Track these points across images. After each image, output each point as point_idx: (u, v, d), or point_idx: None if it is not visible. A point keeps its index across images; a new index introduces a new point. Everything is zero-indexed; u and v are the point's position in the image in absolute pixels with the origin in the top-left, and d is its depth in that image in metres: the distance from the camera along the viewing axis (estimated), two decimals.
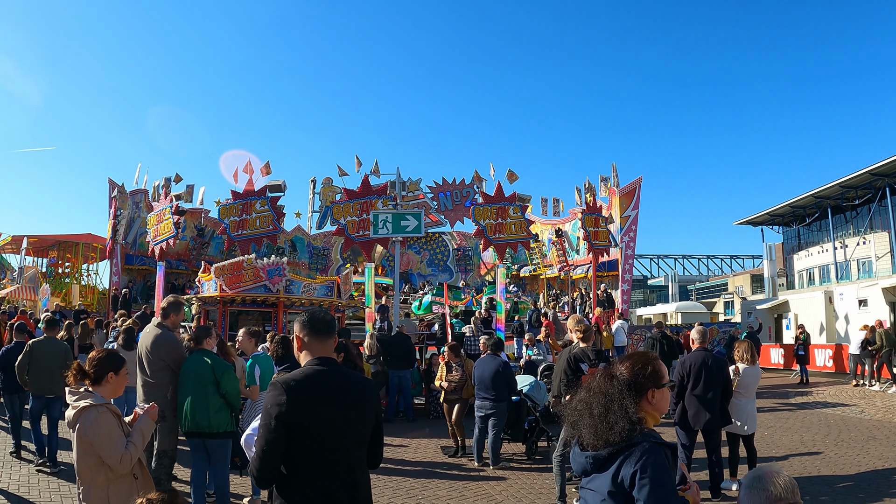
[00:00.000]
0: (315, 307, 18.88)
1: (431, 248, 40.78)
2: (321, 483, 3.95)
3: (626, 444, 3.37)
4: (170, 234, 25.45)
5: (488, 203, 24.30)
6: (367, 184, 24.04)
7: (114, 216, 31.13)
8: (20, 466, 11.48)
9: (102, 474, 4.81)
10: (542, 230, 36.27)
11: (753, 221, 58.55)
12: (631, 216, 30.15)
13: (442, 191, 27.41)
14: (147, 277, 34.75)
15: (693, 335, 10.83)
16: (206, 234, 36.64)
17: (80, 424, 4.79)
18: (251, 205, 24.17)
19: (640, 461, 3.26)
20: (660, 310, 54.82)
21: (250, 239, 24.04)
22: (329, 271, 37.54)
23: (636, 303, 73.36)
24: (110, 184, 32.03)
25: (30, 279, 40.84)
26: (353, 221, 22.84)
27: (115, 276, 32.33)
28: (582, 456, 3.57)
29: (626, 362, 3.73)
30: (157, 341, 8.87)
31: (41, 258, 47.15)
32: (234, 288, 17.61)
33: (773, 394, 21.53)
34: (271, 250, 29.87)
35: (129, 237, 33.58)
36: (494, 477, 11.37)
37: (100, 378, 5.04)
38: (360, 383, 4.34)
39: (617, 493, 3.33)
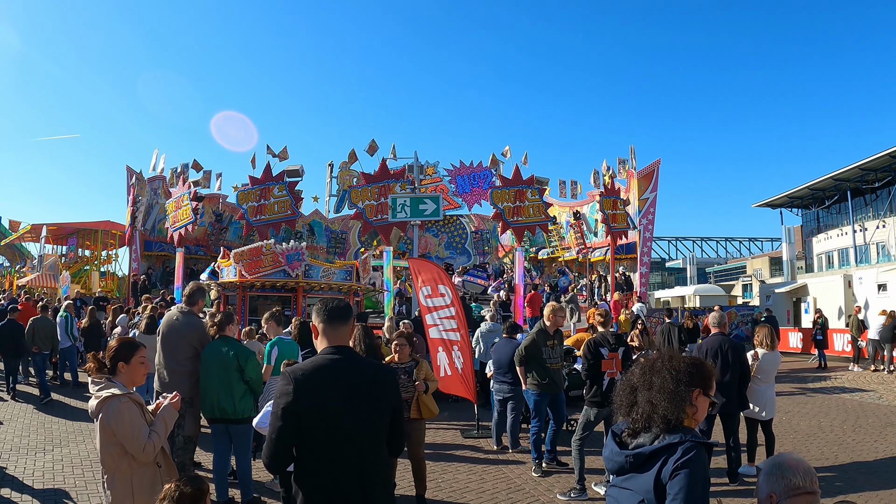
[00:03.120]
0: (332, 295, 18.95)
1: (449, 230, 40.60)
2: (332, 471, 3.96)
3: (668, 442, 3.35)
4: (189, 220, 25.49)
5: (506, 186, 24.20)
6: (384, 167, 24.02)
7: (132, 203, 31.22)
8: (44, 454, 11.55)
9: (126, 463, 4.81)
10: (559, 213, 36.11)
11: (772, 204, 58.34)
12: (649, 198, 30.02)
13: (459, 174, 27.35)
14: (166, 263, 34.98)
15: (710, 320, 10.82)
16: (224, 220, 36.79)
17: (102, 414, 4.79)
18: (269, 190, 24.18)
19: (682, 458, 3.23)
20: (678, 293, 54.68)
21: (269, 224, 24.07)
22: (347, 255, 37.51)
23: (654, 285, 73.13)
24: (128, 171, 32.14)
25: (50, 267, 41.08)
26: (372, 205, 22.84)
27: (134, 263, 32.53)
28: (621, 454, 3.51)
29: (688, 357, 3.74)
30: (188, 327, 8.96)
31: (61, 246, 47.39)
32: (253, 273, 17.65)
33: (791, 378, 21.44)
34: (289, 235, 29.91)
35: (148, 223, 33.76)
36: (514, 461, 11.38)
37: (113, 368, 5.05)
38: (373, 371, 4.31)
39: (659, 493, 3.29)
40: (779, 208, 59.20)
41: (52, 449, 11.73)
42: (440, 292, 13.15)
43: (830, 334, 26.95)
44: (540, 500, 9.36)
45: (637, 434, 3.55)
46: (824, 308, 28.87)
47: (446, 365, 13.07)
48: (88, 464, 10.81)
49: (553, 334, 11.02)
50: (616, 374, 9.64)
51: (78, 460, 11.06)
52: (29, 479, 9.97)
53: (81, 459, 11.08)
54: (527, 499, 9.39)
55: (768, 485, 3.31)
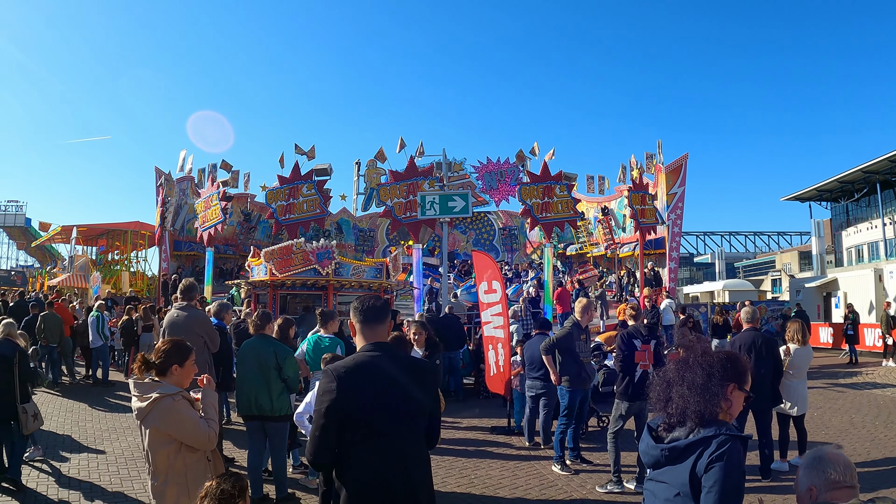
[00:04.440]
0: (364, 293, 19.00)
1: (477, 227, 40.70)
2: (374, 466, 3.99)
3: (704, 436, 3.37)
4: (218, 219, 25.66)
5: (534, 182, 24.16)
6: (412, 165, 24.04)
7: (162, 203, 31.47)
8: (79, 451, 11.67)
9: (180, 460, 4.81)
10: (587, 208, 35.86)
11: (801, 197, 57.93)
12: (677, 193, 29.85)
13: (486, 170, 27.33)
14: (195, 263, 35.19)
15: (742, 315, 10.78)
16: (253, 219, 36.98)
17: (153, 415, 4.76)
18: (298, 189, 24.25)
19: (717, 451, 3.26)
20: (707, 288, 54.33)
21: (298, 223, 24.13)
22: (375, 253, 37.69)
23: (682, 280, 72.77)
24: (157, 172, 32.39)
25: (80, 268, 41.41)
26: (400, 203, 22.86)
27: (164, 263, 32.76)
28: (657, 448, 3.55)
29: (723, 351, 3.75)
30: (191, 320, 9.19)
31: (91, 247, 47.74)
32: (283, 272, 17.73)
33: (822, 374, 21.30)
34: (318, 233, 30.01)
35: (177, 224, 34.01)
36: (546, 456, 11.36)
37: (164, 369, 5.01)
38: (413, 366, 4.38)
39: (695, 485, 3.32)
40: (808, 202, 58.78)
41: (87, 447, 11.86)
42: (493, 288, 13.21)
43: (861, 329, 26.68)
44: (573, 495, 9.38)
45: (672, 428, 3.58)
46: (855, 303, 28.56)
47: (493, 363, 13.15)
48: (123, 461, 10.94)
49: (584, 329, 11.05)
50: (648, 366, 9.65)
51: (112, 458, 11.18)
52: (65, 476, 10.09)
53: (116, 457, 11.20)
54: (560, 494, 9.41)
55: (808, 478, 3.33)
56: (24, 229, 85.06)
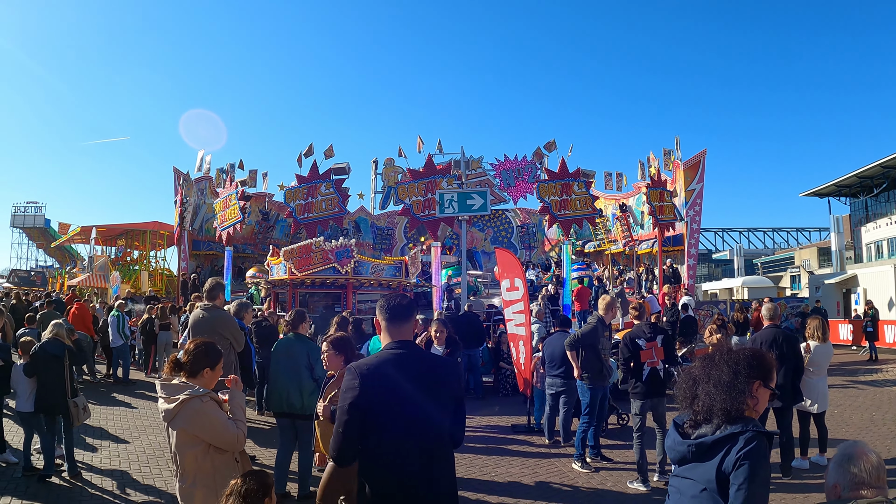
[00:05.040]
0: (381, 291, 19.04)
1: (495, 225, 40.54)
2: (397, 463, 4.02)
3: (730, 433, 3.38)
4: (236, 219, 25.73)
5: (552, 179, 24.02)
6: (430, 163, 24.04)
7: (180, 204, 31.55)
8: (109, 445, 11.80)
9: (209, 461, 4.81)
10: (605, 205, 35.67)
11: (820, 193, 57.60)
12: (696, 189, 29.73)
13: (504, 168, 27.33)
14: (214, 262, 35.29)
15: (763, 312, 10.72)
16: (271, 218, 37.04)
17: (180, 417, 4.76)
18: (316, 188, 24.30)
19: (745, 448, 3.27)
20: (725, 285, 54.13)
21: (316, 222, 24.18)
22: (393, 251, 37.67)
23: (701, 277, 72.43)
24: (175, 172, 32.47)
25: (100, 268, 41.59)
26: (419, 201, 22.87)
27: (183, 262, 32.85)
28: (683, 444, 3.57)
29: (748, 348, 3.74)
30: (215, 320, 9.18)
31: (110, 247, 47.93)
32: (303, 270, 17.77)
33: (842, 371, 21.17)
34: (336, 232, 30.06)
35: (196, 223, 34.09)
36: (566, 454, 11.36)
37: (195, 372, 5.01)
38: (437, 365, 4.44)
39: (722, 482, 3.33)
40: (826, 197, 58.40)
41: (109, 445, 11.94)
42: (515, 286, 13.20)
43: (881, 326, 26.52)
44: (593, 491, 9.39)
45: (699, 425, 3.59)
46: (875, 299, 28.42)
47: (515, 360, 13.15)
48: (145, 459, 11.02)
49: (606, 326, 11.05)
50: (657, 362, 9.65)
51: (134, 455, 11.25)
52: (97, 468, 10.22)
53: (138, 455, 11.27)
54: (580, 491, 9.43)
55: (835, 474, 3.33)
56: (44, 230, 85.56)
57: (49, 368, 9.86)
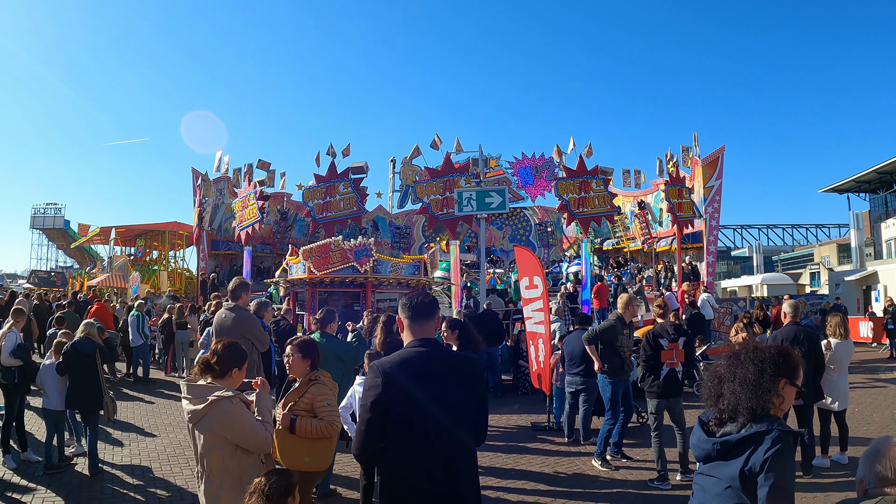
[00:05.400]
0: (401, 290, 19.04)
1: (513, 223, 40.54)
2: (420, 461, 4.01)
3: (756, 431, 3.36)
4: (255, 218, 25.82)
5: (571, 177, 23.98)
6: (448, 162, 24.04)
7: (199, 204, 31.72)
8: (129, 444, 11.87)
9: (235, 462, 4.79)
10: (623, 203, 35.62)
11: (839, 189, 57.19)
12: (714, 186, 29.58)
13: (521, 165, 27.28)
14: (233, 261, 35.49)
15: (784, 309, 10.59)
16: (290, 218, 37.15)
17: (209, 418, 4.72)
18: (335, 187, 24.38)
19: (773, 448, 3.26)
20: (745, 282, 53.99)
21: (335, 221, 24.25)
22: (412, 250, 37.75)
23: (720, 274, 72.14)
24: (194, 173, 32.65)
25: (119, 268, 41.81)
26: (437, 200, 22.89)
27: (202, 262, 33.01)
28: (709, 442, 3.56)
29: (774, 346, 3.71)
30: (238, 321, 9.19)
31: (129, 247, 48.17)
32: (322, 269, 17.78)
33: (862, 369, 21.04)
34: (354, 231, 30.10)
35: (215, 223, 34.26)
36: (586, 452, 11.35)
37: (224, 373, 4.99)
38: (459, 363, 4.40)
39: (746, 480, 3.33)
40: (845, 193, 57.95)
41: (129, 443, 12.00)
42: (534, 284, 13.17)
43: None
44: (613, 490, 9.37)
45: (724, 423, 3.58)
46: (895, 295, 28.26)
47: (533, 358, 13.12)
48: (165, 457, 11.08)
49: (628, 324, 11.01)
50: (677, 364, 9.62)
51: (155, 454, 11.32)
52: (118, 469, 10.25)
53: (158, 453, 11.34)
54: (600, 490, 9.41)
55: (862, 469, 3.31)
56: (63, 231, 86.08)
57: (81, 367, 10.09)
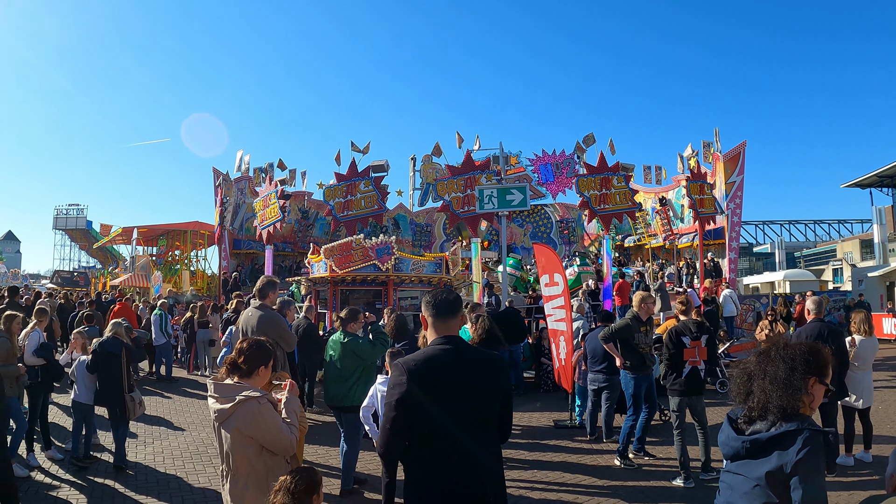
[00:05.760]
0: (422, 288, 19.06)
1: (534, 220, 40.47)
2: (445, 459, 4.00)
3: (786, 430, 3.34)
4: (276, 217, 25.90)
5: (592, 174, 23.95)
6: (469, 159, 24.03)
7: (220, 203, 31.88)
8: (153, 442, 11.94)
9: (261, 462, 4.77)
10: (645, 199, 35.50)
11: (861, 184, 56.77)
12: (736, 182, 29.45)
13: (542, 162, 27.22)
14: (255, 260, 35.64)
15: (808, 305, 10.50)
16: (311, 217, 37.25)
17: (235, 417, 4.71)
18: (355, 185, 24.40)
19: (804, 450, 3.24)
20: (767, 278, 53.64)
21: (356, 219, 24.27)
22: (433, 248, 37.79)
23: (741, 271, 71.65)
24: (215, 173, 32.83)
25: (141, 267, 42.10)
26: (458, 197, 22.87)
27: (223, 261, 33.18)
28: (738, 441, 3.53)
29: (804, 343, 3.70)
30: (262, 321, 9.30)
31: (151, 247, 48.48)
32: (343, 268, 17.82)
33: (886, 366, 20.82)
34: (375, 229, 30.14)
35: (236, 223, 34.44)
36: (608, 450, 11.33)
37: (251, 371, 4.97)
38: (484, 360, 4.36)
39: (775, 480, 3.31)
40: (868, 188, 57.49)
41: (153, 441, 12.07)
42: (555, 281, 13.15)
43: None
44: (635, 488, 9.37)
45: (753, 421, 3.56)
46: None
47: (555, 355, 13.10)
48: (189, 455, 11.14)
49: (645, 321, 10.97)
50: (699, 362, 9.59)
51: (178, 451, 11.39)
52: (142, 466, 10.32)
53: (181, 451, 11.41)
54: (622, 488, 9.39)
55: (892, 464, 3.29)
56: (86, 231, 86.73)
57: (108, 365, 10.33)
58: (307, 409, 14.29)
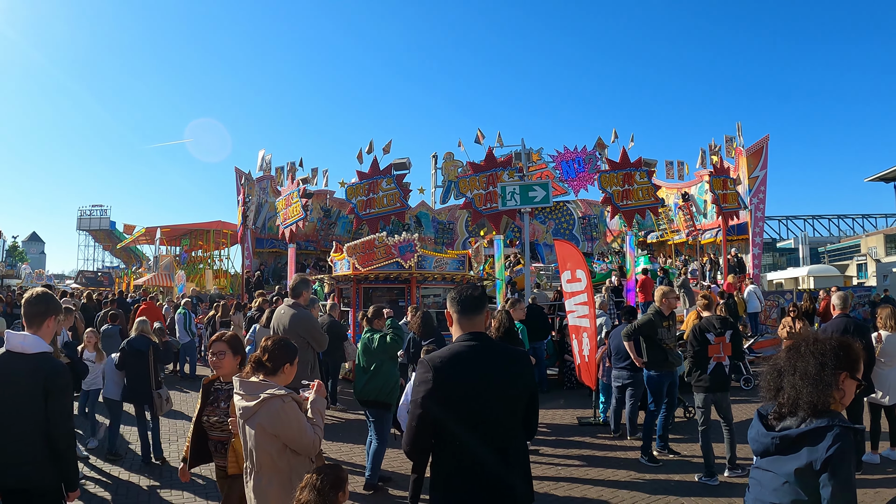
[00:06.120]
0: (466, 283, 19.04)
1: (556, 217, 40.22)
2: (471, 456, 3.97)
3: (816, 427, 3.30)
4: (299, 216, 26.00)
5: (614, 169, 23.84)
6: (491, 156, 24.01)
7: (243, 203, 31.98)
8: (177, 439, 11.96)
9: (285, 461, 4.76)
10: (667, 195, 35.22)
11: (886, 177, 56.36)
12: (759, 177, 29.28)
13: (563, 159, 27.19)
14: (277, 259, 35.73)
15: (834, 301, 10.40)
16: (333, 215, 37.29)
17: (259, 414, 4.70)
18: (377, 184, 24.44)
19: (835, 446, 3.20)
20: (791, 274, 53.42)
21: (378, 217, 24.31)
22: (455, 245, 37.75)
23: (765, 267, 71.37)
24: (237, 172, 32.96)
25: (165, 267, 42.34)
26: (480, 194, 22.86)
27: (246, 260, 33.29)
28: (768, 436, 3.50)
29: (835, 338, 3.62)
30: (295, 320, 9.31)
31: (174, 247, 48.75)
32: (366, 266, 17.84)
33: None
34: (397, 227, 30.16)
35: (259, 222, 34.55)
36: (632, 447, 11.28)
37: (276, 369, 4.97)
38: (510, 356, 4.32)
39: (804, 476, 3.28)
40: (892, 181, 57.07)
41: (177, 439, 12.12)
42: (577, 277, 13.11)
43: None
44: (659, 485, 9.32)
45: (783, 417, 3.52)
46: None
47: (577, 352, 13.06)
48: None
49: (668, 316, 10.92)
50: (724, 358, 9.53)
51: None
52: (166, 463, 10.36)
53: None
54: (647, 485, 9.36)
55: None
56: (109, 232, 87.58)
57: (136, 362, 10.56)
58: (330, 407, 14.32)
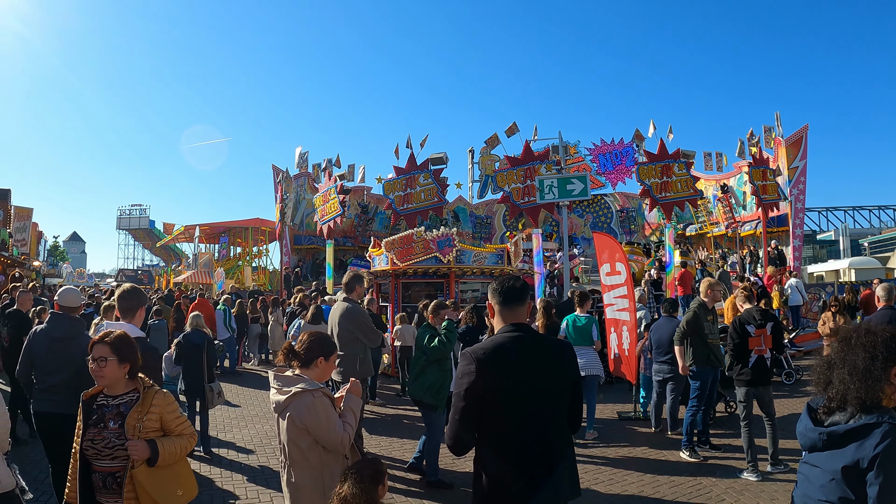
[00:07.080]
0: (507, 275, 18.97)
1: (594, 210, 40.08)
2: (515, 449, 3.96)
3: (864, 423, 3.21)
4: (337, 213, 26.09)
5: (652, 161, 23.65)
6: (528, 150, 23.91)
7: (280, 200, 32.16)
8: (216, 434, 12.04)
9: (316, 455, 4.75)
10: (706, 186, 34.75)
11: None
12: (799, 167, 28.95)
13: (600, 152, 27.04)
14: (315, 256, 35.89)
15: (878, 293, 10.21)
16: (370, 211, 37.39)
17: (293, 409, 4.69)
18: (415, 179, 24.44)
19: (883, 444, 3.10)
20: (831, 266, 52.78)
21: (416, 212, 24.31)
22: (493, 239, 37.69)
23: (805, 259, 70.67)
24: (274, 170, 33.17)
25: (204, 265, 42.70)
26: (518, 188, 22.79)
27: (285, 257, 33.49)
28: (815, 432, 3.41)
29: (888, 329, 3.47)
30: (346, 314, 9.41)
31: (213, 244, 49.13)
32: (405, 261, 17.86)
33: None
34: (436, 222, 30.17)
35: (297, 218, 34.75)
36: (674, 443, 11.22)
37: (309, 361, 4.93)
38: (554, 348, 4.32)
39: (851, 474, 3.19)
40: None
41: (216, 434, 12.13)
42: (617, 270, 13.05)
43: None
44: (701, 481, 9.27)
45: (832, 412, 3.44)
46: None
47: (615, 346, 12.98)
48: (252, 447, 11.33)
49: (711, 310, 10.82)
50: (765, 350, 9.44)
51: (242, 443, 11.57)
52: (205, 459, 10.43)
53: (245, 443, 11.59)
54: (688, 480, 9.31)
55: None
56: (149, 231, 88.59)
57: (191, 356, 10.89)
58: (369, 402, 14.35)
